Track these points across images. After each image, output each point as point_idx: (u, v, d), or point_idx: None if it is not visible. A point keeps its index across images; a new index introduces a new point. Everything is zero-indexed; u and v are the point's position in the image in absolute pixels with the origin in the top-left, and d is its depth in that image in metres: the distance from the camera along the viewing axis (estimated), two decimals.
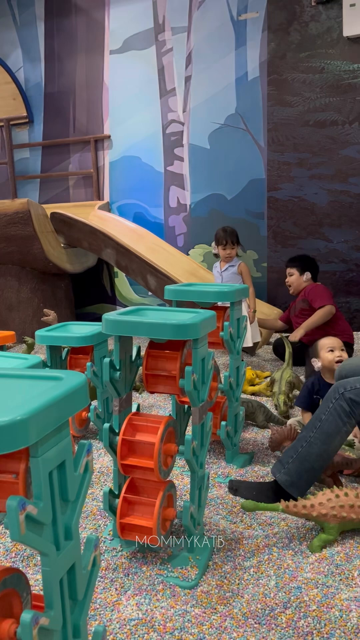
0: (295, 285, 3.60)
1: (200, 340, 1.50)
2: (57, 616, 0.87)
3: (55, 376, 0.95)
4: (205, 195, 4.88)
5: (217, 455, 2.20)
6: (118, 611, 1.30)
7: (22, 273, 4.66)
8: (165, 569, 1.45)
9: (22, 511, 0.78)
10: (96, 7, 5.05)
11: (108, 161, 5.25)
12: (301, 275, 3.58)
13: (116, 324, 1.48)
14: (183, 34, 4.75)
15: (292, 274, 3.61)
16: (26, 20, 5.37)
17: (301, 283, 3.59)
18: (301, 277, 3.58)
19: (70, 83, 5.29)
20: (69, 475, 0.90)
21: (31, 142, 5.55)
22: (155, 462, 1.41)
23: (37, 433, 0.79)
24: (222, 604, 1.32)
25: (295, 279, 3.60)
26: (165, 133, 4.97)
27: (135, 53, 4.96)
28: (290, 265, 3.63)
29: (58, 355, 2.42)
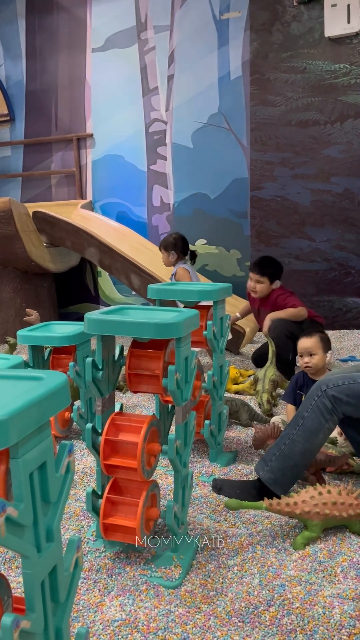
0: (265, 292, 3.48)
1: (183, 339, 1.50)
2: (38, 619, 0.85)
3: (36, 376, 0.94)
4: (189, 194, 4.88)
5: (201, 454, 2.20)
6: (101, 612, 1.29)
7: (4, 273, 4.61)
8: (149, 569, 1.45)
9: (2, 513, 0.77)
10: (78, 4, 5.01)
11: (91, 160, 5.22)
12: (271, 284, 3.46)
13: (99, 324, 1.47)
14: (165, 32, 4.74)
15: (261, 282, 3.44)
16: (7, 16, 5.31)
17: (269, 290, 3.48)
18: (271, 285, 3.46)
19: (52, 81, 5.25)
20: (50, 476, 0.89)
21: (12, 140, 5.49)
22: (139, 462, 1.40)
23: (17, 434, 0.78)
24: (206, 603, 1.31)
25: (265, 287, 3.45)
26: (148, 132, 4.95)
27: (118, 51, 4.94)
28: (260, 273, 3.44)
29: (40, 355, 2.40)
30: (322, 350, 2.34)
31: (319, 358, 2.32)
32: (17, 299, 4.64)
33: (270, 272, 3.46)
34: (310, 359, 2.32)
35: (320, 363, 2.32)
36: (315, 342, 2.33)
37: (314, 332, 2.40)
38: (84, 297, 5.47)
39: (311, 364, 2.32)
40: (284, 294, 3.45)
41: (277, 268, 3.50)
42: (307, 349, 2.33)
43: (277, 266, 3.51)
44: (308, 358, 2.33)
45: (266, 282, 3.45)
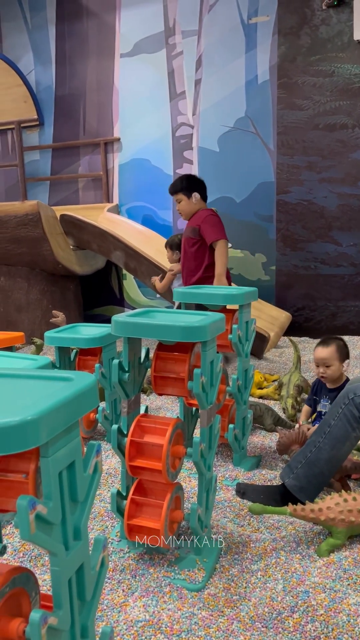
0: (187, 210, 3.31)
1: (209, 342, 1.50)
2: (65, 616, 0.87)
3: (66, 377, 0.96)
4: (214, 198, 4.88)
5: (225, 458, 2.20)
6: (125, 612, 1.30)
7: (32, 275, 4.68)
8: (173, 571, 1.45)
9: (32, 510, 0.78)
10: (107, 10, 5.07)
11: (117, 164, 5.27)
12: (190, 198, 3.27)
13: (125, 326, 1.48)
14: (193, 37, 4.76)
15: (180, 200, 3.29)
16: (37, 23, 5.40)
17: (192, 207, 3.29)
18: (190, 200, 3.27)
19: (80, 86, 5.32)
20: (78, 475, 0.90)
21: (41, 144, 5.58)
22: (164, 464, 1.41)
23: (47, 433, 0.80)
24: (229, 607, 1.31)
25: (185, 204, 3.29)
26: (174, 136, 4.98)
27: (146, 56, 4.98)
28: (175, 192, 3.30)
29: (67, 357, 2.43)
30: (339, 361, 2.25)
31: (335, 369, 2.26)
32: (43, 300, 4.71)
33: (184, 185, 3.27)
34: (325, 370, 2.26)
35: (336, 373, 2.26)
36: (331, 352, 2.24)
37: (331, 341, 2.29)
38: (109, 300, 5.51)
39: (326, 374, 2.26)
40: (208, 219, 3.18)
41: (191, 181, 3.30)
42: (322, 359, 2.26)
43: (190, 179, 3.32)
44: (323, 369, 2.26)
45: (184, 199, 3.28)
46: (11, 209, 4.31)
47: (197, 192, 3.29)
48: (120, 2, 5.00)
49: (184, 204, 3.31)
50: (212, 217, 3.22)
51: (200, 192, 3.31)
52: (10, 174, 5.82)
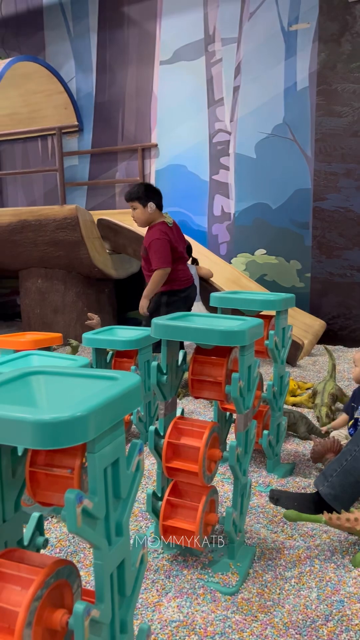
0: (142, 219, 3.32)
1: (247, 347, 1.51)
2: (107, 609, 0.89)
3: (112, 376, 0.98)
4: (250, 204, 4.88)
5: (258, 464, 2.20)
6: (159, 612, 1.31)
7: (68, 277, 4.77)
8: (206, 573, 1.46)
9: (79, 504, 0.81)
10: (148, 18, 5.15)
11: (154, 169, 5.32)
12: (145, 207, 3.27)
13: (165, 329, 1.51)
14: (233, 44, 4.79)
15: (135, 208, 3.29)
16: (80, 31, 5.52)
17: (147, 216, 3.30)
18: (146, 209, 3.27)
19: (120, 93, 5.40)
20: (121, 472, 0.93)
21: (80, 149, 5.68)
22: (200, 467, 1.42)
23: (95, 429, 0.82)
24: (263, 612, 1.31)
25: (139, 212, 3.30)
26: (211, 142, 5.00)
27: (185, 64, 5.03)
28: (131, 199, 3.30)
29: (103, 358, 2.47)
30: None
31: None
32: (79, 302, 4.78)
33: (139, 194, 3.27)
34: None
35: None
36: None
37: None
38: None
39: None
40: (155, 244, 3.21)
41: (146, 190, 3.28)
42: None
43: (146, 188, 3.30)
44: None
45: (139, 207, 3.29)
46: (50, 212, 4.40)
47: (152, 202, 3.30)
48: (161, 11, 5.07)
49: (139, 212, 3.33)
50: (157, 242, 3.23)
51: (156, 202, 3.33)
52: (49, 179, 5.95)
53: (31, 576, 0.85)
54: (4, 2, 5.92)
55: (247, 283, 4.57)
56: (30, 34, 5.83)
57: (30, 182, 6.11)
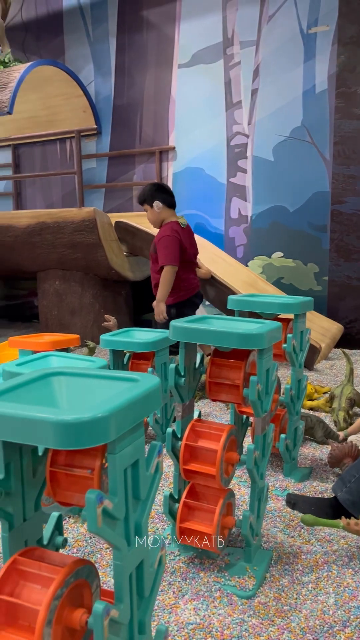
0: (152, 219, 3.33)
1: (266, 350, 1.51)
2: (126, 610, 0.89)
3: (132, 378, 0.99)
4: (267, 207, 4.87)
5: (275, 468, 2.19)
6: (176, 614, 1.31)
7: (85, 279, 4.80)
8: (223, 576, 1.46)
9: (99, 505, 0.81)
10: (167, 22, 5.17)
11: (172, 172, 5.34)
12: (152, 207, 3.28)
13: (183, 331, 1.51)
14: (252, 47, 4.78)
15: (146, 210, 3.33)
16: (99, 35, 5.56)
17: (157, 216, 3.30)
18: (153, 209, 3.28)
19: (138, 96, 5.43)
20: (141, 474, 0.93)
21: (98, 152, 5.72)
22: (217, 469, 1.42)
23: (116, 430, 0.83)
24: (280, 617, 1.31)
25: (149, 214, 3.32)
26: (229, 145, 5.00)
27: (203, 67, 5.04)
28: (140, 202, 3.34)
29: (120, 360, 2.48)
30: None
31: None
32: (96, 304, 4.81)
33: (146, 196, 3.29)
34: None
35: None
36: None
37: None
38: None
39: None
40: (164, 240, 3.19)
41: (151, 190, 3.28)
42: None
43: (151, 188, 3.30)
44: None
45: (149, 209, 3.31)
46: (68, 215, 4.44)
47: (158, 200, 3.28)
48: (180, 14, 5.09)
49: (149, 214, 3.34)
50: (166, 239, 3.20)
51: (163, 200, 3.30)
52: (68, 181, 6.00)
53: (51, 575, 0.85)
54: (25, 7, 6.00)
55: (264, 286, 4.55)
56: (50, 38, 5.89)
57: (48, 185, 6.17)
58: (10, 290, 6.52)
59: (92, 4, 5.57)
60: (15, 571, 0.88)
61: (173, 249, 3.18)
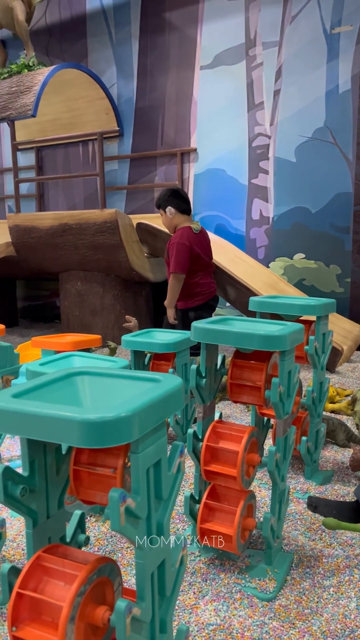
0: (166, 224, 3.44)
1: (288, 352, 1.50)
2: (147, 608, 0.90)
3: (154, 378, 1.00)
4: (289, 208, 4.84)
5: (296, 470, 2.17)
6: (196, 614, 1.32)
7: (107, 280, 4.83)
8: (243, 578, 1.45)
9: (122, 503, 0.82)
10: (189, 24, 5.18)
11: (193, 174, 5.35)
12: (165, 213, 3.37)
13: (205, 332, 1.51)
14: (274, 48, 4.77)
15: (161, 215, 3.43)
16: (122, 38, 5.60)
17: (170, 221, 3.38)
18: (166, 214, 3.37)
19: (160, 98, 5.45)
20: (163, 473, 0.94)
21: (120, 154, 5.76)
22: (238, 471, 1.42)
23: (139, 430, 0.84)
24: (301, 620, 1.30)
25: (163, 219, 3.42)
26: (251, 146, 4.99)
27: (225, 68, 5.04)
28: (157, 208, 3.44)
29: (141, 360, 2.50)
30: None
31: None
32: (117, 305, 4.84)
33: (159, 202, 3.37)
34: None
35: None
36: None
37: None
38: None
39: None
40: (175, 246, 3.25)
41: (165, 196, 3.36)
42: None
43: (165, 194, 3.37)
44: None
45: (163, 214, 3.39)
46: (90, 216, 4.47)
47: (171, 205, 3.35)
48: (202, 16, 5.10)
49: (163, 219, 3.44)
50: (177, 245, 3.26)
51: (175, 206, 3.36)
52: (90, 183, 6.05)
53: (74, 572, 0.87)
54: (49, 11, 6.07)
55: (285, 288, 4.53)
56: (73, 41, 5.95)
57: (71, 187, 6.23)
58: (33, 291, 6.60)
59: (115, 7, 5.61)
60: (39, 567, 0.89)
61: (181, 257, 3.26)
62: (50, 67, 5.02)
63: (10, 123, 4.96)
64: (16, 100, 4.84)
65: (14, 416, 0.85)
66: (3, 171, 6.68)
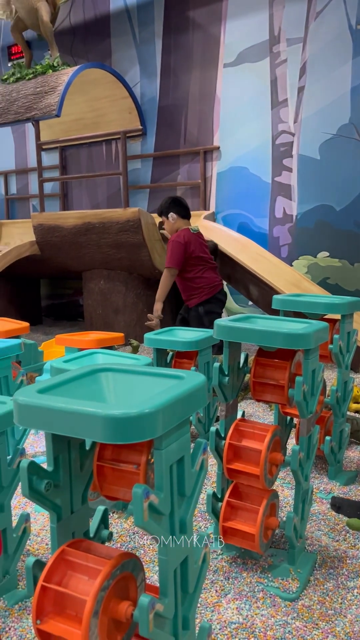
0: (169, 229, 3.62)
1: (312, 351, 1.49)
2: (170, 604, 0.90)
3: (178, 375, 1.00)
4: (313, 206, 4.79)
5: (319, 470, 2.15)
6: (218, 613, 1.31)
7: (129, 279, 4.85)
8: (266, 577, 1.45)
9: (146, 499, 0.83)
10: (213, 22, 5.17)
11: (216, 172, 5.33)
12: (168, 219, 3.56)
13: (228, 330, 1.51)
14: (298, 44, 4.72)
15: (163, 222, 3.63)
16: (145, 38, 5.61)
17: (172, 226, 3.57)
18: (169, 220, 3.56)
19: (183, 96, 5.45)
20: (186, 471, 0.94)
21: (143, 153, 5.77)
22: (261, 470, 1.41)
23: (163, 426, 0.84)
24: (324, 621, 1.29)
25: (166, 224, 3.61)
26: (274, 144, 4.95)
27: (249, 65, 5.01)
28: (159, 215, 3.65)
29: (163, 358, 2.50)
30: None
31: None
32: (139, 304, 4.86)
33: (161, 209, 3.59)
34: None
35: None
36: None
37: None
38: None
39: None
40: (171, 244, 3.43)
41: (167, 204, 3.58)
42: None
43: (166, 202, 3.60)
44: None
45: (165, 220, 3.60)
46: (114, 215, 4.50)
47: (173, 211, 3.60)
48: (226, 13, 5.08)
49: (166, 224, 3.66)
50: (173, 243, 3.48)
51: (177, 212, 3.59)
52: (113, 182, 6.08)
53: (98, 567, 0.87)
54: (73, 11, 6.11)
55: (309, 286, 4.48)
56: (97, 41, 5.98)
57: (94, 186, 6.27)
58: (56, 290, 6.66)
59: (138, 6, 5.63)
60: (64, 561, 0.90)
61: (175, 253, 3.48)
62: (74, 67, 5.06)
63: (35, 123, 5.01)
64: (41, 100, 4.90)
65: (39, 411, 0.86)
66: (28, 171, 6.76)
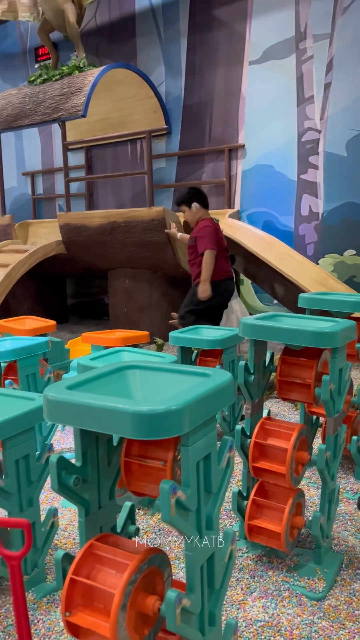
0: (190, 219, 3.65)
1: (339, 349, 1.47)
2: (197, 600, 0.91)
3: (204, 372, 1.00)
4: (340, 203, 4.74)
5: (346, 470, 2.13)
6: (244, 610, 1.32)
7: (154, 278, 4.87)
8: (292, 576, 1.44)
9: (173, 495, 0.83)
10: (238, 19, 5.14)
11: (241, 170, 5.31)
12: (191, 209, 3.60)
13: (254, 328, 1.50)
14: (325, 40, 4.67)
15: (184, 211, 3.64)
16: (170, 37, 5.62)
17: (194, 215, 3.62)
18: (191, 209, 3.60)
19: (208, 95, 5.44)
20: (213, 467, 0.94)
21: (168, 152, 5.79)
22: (287, 468, 1.41)
23: (190, 423, 0.85)
24: (351, 621, 1.28)
25: (188, 214, 3.63)
26: (300, 141, 4.91)
27: (275, 62, 4.97)
28: (179, 204, 3.66)
29: (188, 357, 2.51)
30: None
31: None
32: (163, 303, 4.87)
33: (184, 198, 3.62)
34: None
35: None
36: None
37: None
38: None
39: None
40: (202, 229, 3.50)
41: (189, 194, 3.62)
42: None
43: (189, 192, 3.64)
44: None
45: (187, 210, 3.63)
46: (139, 214, 4.52)
47: (196, 202, 3.62)
48: (251, 11, 5.05)
49: (187, 214, 3.67)
50: (205, 229, 3.53)
51: (199, 202, 3.63)
52: (138, 181, 6.11)
53: (126, 561, 0.88)
54: (99, 12, 6.16)
55: (335, 284, 4.43)
56: (123, 41, 6.02)
57: (119, 185, 6.31)
58: (82, 289, 6.73)
59: (163, 5, 5.64)
60: (92, 555, 0.91)
61: (210, 237, 3.54)
62: (100, 68, 5.10)
63: (61, 124, 5.07)
64: (67, 101, 4.95)
65: (68, 407, 0.87)
66: (54, 171, 6.83)
